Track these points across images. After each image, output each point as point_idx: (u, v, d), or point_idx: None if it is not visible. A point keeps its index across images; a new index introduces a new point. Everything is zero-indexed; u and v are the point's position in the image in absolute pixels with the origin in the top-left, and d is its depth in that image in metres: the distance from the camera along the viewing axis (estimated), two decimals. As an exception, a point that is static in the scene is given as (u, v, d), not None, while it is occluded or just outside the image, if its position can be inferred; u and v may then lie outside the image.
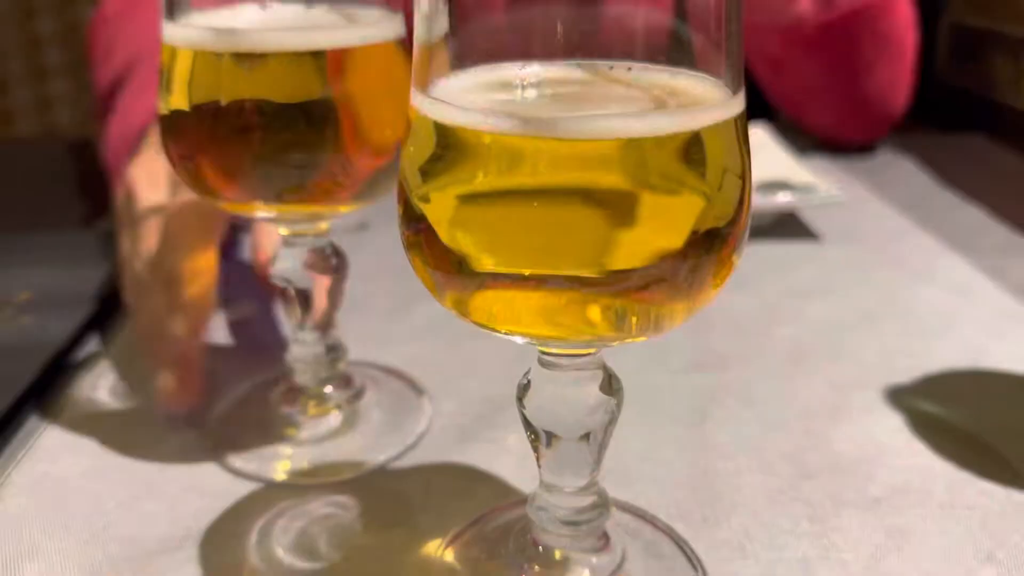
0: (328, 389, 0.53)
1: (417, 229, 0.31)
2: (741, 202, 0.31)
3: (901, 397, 0.57)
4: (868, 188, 0.95)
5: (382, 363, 0.60)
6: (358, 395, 0.54)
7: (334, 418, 0.53)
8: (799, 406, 0.55)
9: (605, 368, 0.36)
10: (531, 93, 0.34)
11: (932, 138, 1.15)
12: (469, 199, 0.30)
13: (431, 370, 0.59)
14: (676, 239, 0.29)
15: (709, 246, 0.30)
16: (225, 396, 0.57)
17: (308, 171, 0.43)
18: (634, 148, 0.28)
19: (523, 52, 0.35)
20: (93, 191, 0.97)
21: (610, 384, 0.36)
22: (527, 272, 0.30)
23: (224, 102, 0.42)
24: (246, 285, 0.63)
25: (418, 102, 0.31)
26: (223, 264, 0.57)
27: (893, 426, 0.53)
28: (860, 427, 0.53)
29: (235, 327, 0.65)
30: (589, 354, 0.36)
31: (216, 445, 0.51)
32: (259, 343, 0.62)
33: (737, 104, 0.31)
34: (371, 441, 0.51)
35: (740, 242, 0.32)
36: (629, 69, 0.34)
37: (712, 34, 0.32)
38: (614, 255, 0.30)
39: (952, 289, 0.72)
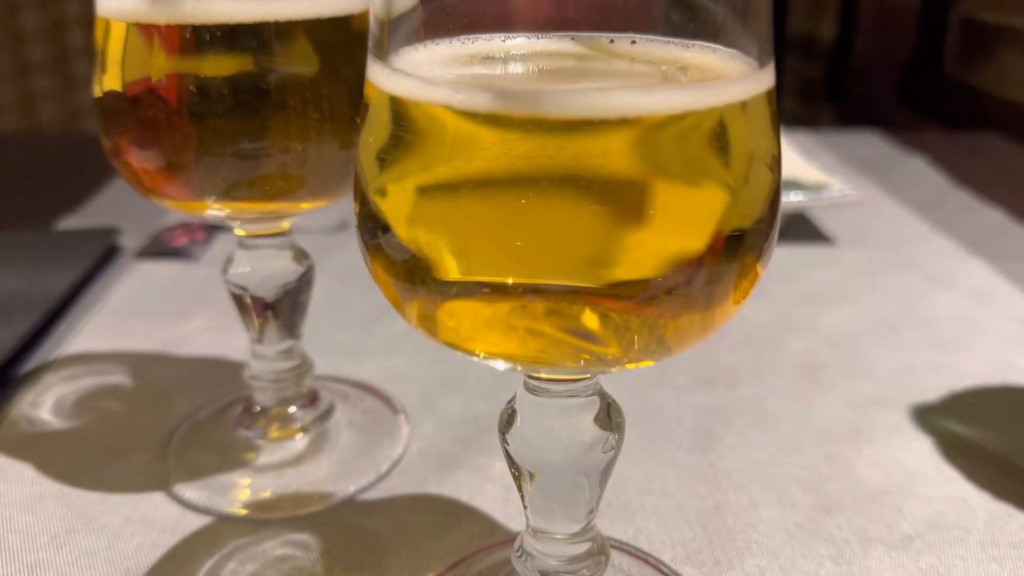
0: (292, 409, 0.48)
1: (375, 230, 0.26)
2: (771, 198, 0.25)
3: (927, 417, 0.52)
4: (880, 188, 0.90)
5: (355, 378, 0.54)
6: (326, 415, 0.49)
7: (299, 442, 0.47)
8: (817, 427, 0.50)
9: (603, 395, 0.31)
10: (514, 68, 0.29)
11: (943, 136, 1.11)
12: (435, 192, 0.24)
13: (410, 385, 0.54)
14: (693, 243, 0.24)
15: (732, 252, 0.25)
16: (180, 416, 0.51)
17: (261, 163, 0.38)
18: (642, 129, 0.23)
19: (507, 21, 0.30)
20: (59, 189, 0.92)
21: (608, 416, 0.30)
22: (507, 282, 0.24)
23: (163, 82, 0.36)
24: None
25: (376, 75, 0.25)
26: None
27: (921, 450, 0.48)
28: (885, 451, 0.48)
29: None
30: (584, 379, 0.30)
31: (165, 472, 0.46)
32: None
33: (766, 78, 0.25)
34: (339, 468, 0.45)
35: (768, 247, 0.26)
36: (633, 42, 0.29)
37: (732, -4, 0.27)
38: (614, 263, 0.24)
39: (973, 295, 0.67)
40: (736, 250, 0.25)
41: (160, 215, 0.82)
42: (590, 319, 0.25)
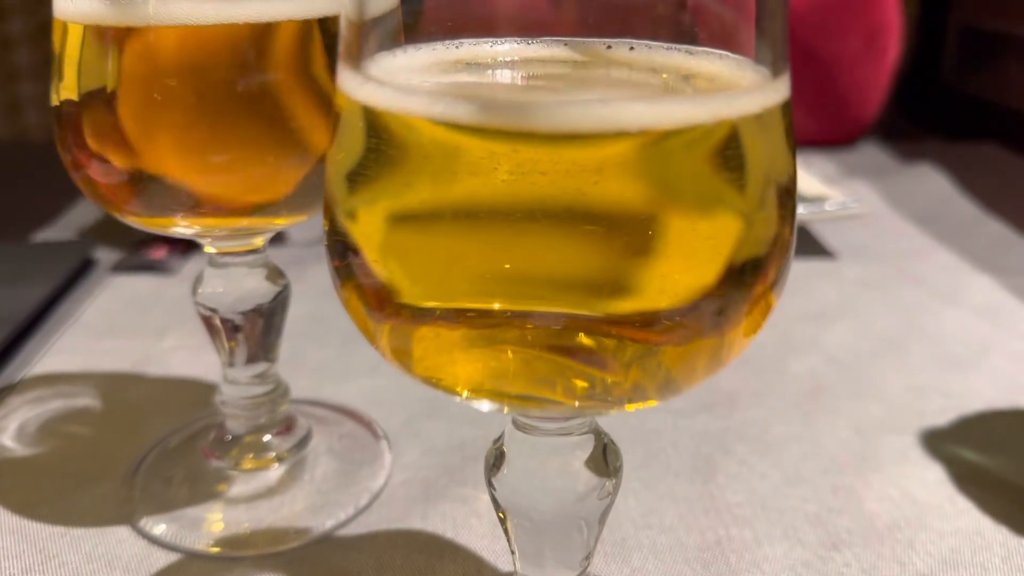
0: (267, 437, 0.45)
1: (345, 253, 0.23)
2: (788, 223, 0.23)
3: (937, 443, 0.49)
4: (880, 199, 0.88)
5: (336, 400, 0.52)
6: (303, 442, 0.46)
7: (274, 472, 0.44)
8: (822, 455, 0.47)
9: (598, 434, 0.28)
10: (502, 75, 0.26)
11: (943, 146, 1.08)
12: (411, 214, 0.21)
13: (393, 408, 0.51)
14: (701, 272, 0.21)
15: (744, 281, 0.22)
16: (149, 442, 0.48)
17: (231, 176, 0.35)
18: (644, 145, 0.20)
19: (495, 24, 0.27)
20: (36, 199, 0.89)
21: (604, 458, 0.27)
22: (492, 313, 0.22)
23: (123, 90, 0.33)
24: None
25: (346, 83, 0.23)
26: None
27: (932, 479, 0.46)
28: (894, 481, 0.45)
29: None
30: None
31: (132, 504, 0.43)
32: None
33: (782, 88, 0.23)
34: (316, 501, 0.43)
35: (783, 275, 0.24)
36: (632, 48, 0.27)
37: (741, -1, 0.24)
38: (614, 293, 0.21)
39: (980, 312, 0.64)
40: (748, 280, 0.22)
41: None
42: (585, 355, 0.23)
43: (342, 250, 0.23)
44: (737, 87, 0.22)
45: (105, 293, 0.68)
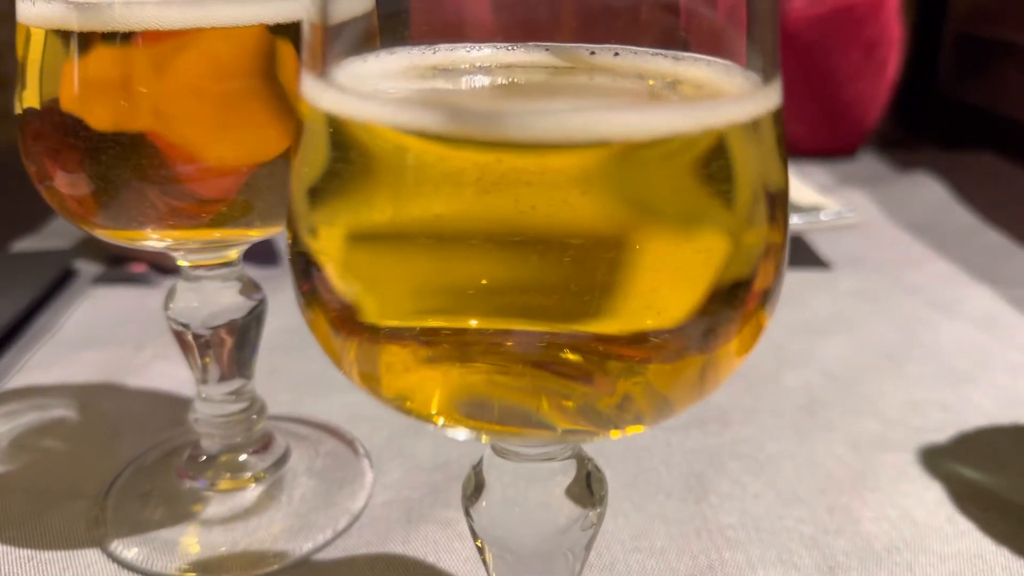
0: (243, 456, 0.43)
1: (309, 272, 0.22)
2: (779, 236, 0.21)
3: (936, 461, 0.48)
4: (877, 209, 0.87)
5: (316, 417, 0.50)
6: (281, 461, 0.44)
7: (250, 492, 0.43)
8: (818, 473, 0.46)
9: (582, 460, 0.26)
10: (479, 82, 0.25)
11: (939, 155, 1.07)
12: (377, 230, 0.20)
13: (376, 425, 0.49)
14: (690, 291, 0.20)
15: (733, 300, 0.21)
16: (124, 459, 0.46)
17: (202, 186, 0.33)
18: (626, 156, 0.19)
19: (473, 29, 0.26)
20: (18, 208, 0.87)
21: (589, 487, 0.26)
22: (465, 336, 0.20)
23: (89, 96, 0.32)
24: None
25: (309, 91, 0.21)
26: None
27: (931, 499, 0.44)
28: (892, 501, 0.44)
29: None
30: (560, 439, 0.26)
31: (103, 526, 0.41)
32: None
33: (773, 95, 0.21)
34: (294, 523, 0.41)
35: (775, 293, 0.22)
36: (616, 54, 0.25)
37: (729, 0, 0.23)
38: (596, 315, 0.20)
39: (978, 323, 0.63)
40: (738, 297, 0.21)
41: (121, 236, 0.77)
42: (567, 379, 0.21)
43: (305, 267, 0.22)
44: (726, 94, 0.21)
45: (85, 305, 0.66)
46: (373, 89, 0.21)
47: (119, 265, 0.72)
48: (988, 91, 1.18)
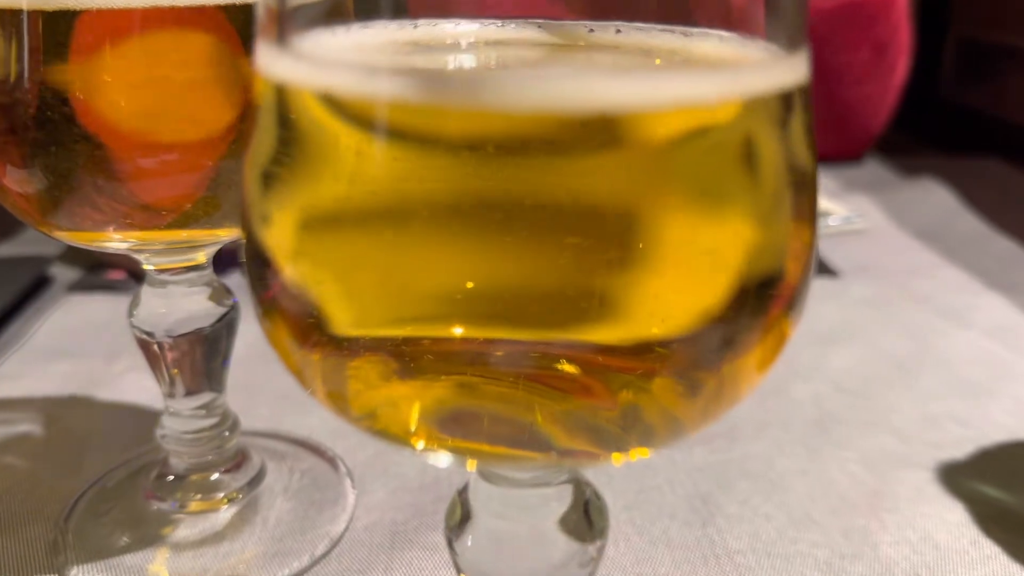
0: (215, 475, 0.40)
1: (264, 272, 0.19)
2: (807, 230, 0.19)
3: (956, 479, 0.45)
4: (884, 215, 0.84)
5: (295, 433, 0.47)
6: (256, 481, 0.41)
7: (223, 514, 0.40)
8: (831, 493, 0.43)
9: (580, 485, 0.23)
10: (463, 60, 0.22)
11: (944, 160, 1.05)
12: (339, 219, 0.17)
13: (359, 441, 0.46)
14: (704, 293, 0.17)
15: (757, 305, 0.18)
16: (89, 477, 0.43)
17: (165, 181, 0.31)
18: (631, 130, 0.16)
19: (456, 2, 0.23)
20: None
21: (587, 516, 0.23)
22: (446, 342, 0.17)
23: (33, 84, 0.29)
24: None
25: (264, 59, 0.18)
26: None
27: (954, 520, 0.41)
28: (912, 522, 0.41)
29: None
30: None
31: (62, 552, 0.38)
32: None
33: (799, 67, 0.18)
34: (268, 548, 0.38)
35: (800, 300, 0.19)
36: (618, 31, 0.22)
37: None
38: (598, 318, 0.17)
39: (994, 333, 0.60)
40: (763, 302, 0.18)
41: (99, 242, 0.74)
42: (564, 395, 0.18)
43: (260, 267, 0.19)
44: (747, 63, 0.18)
45: (59, 313, 0.63)
46: (330, 56, 0.18)
47: (97, 271, 0.69)
48: (991, 96, 1.16)
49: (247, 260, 0.19)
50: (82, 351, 0.58)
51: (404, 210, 0.16)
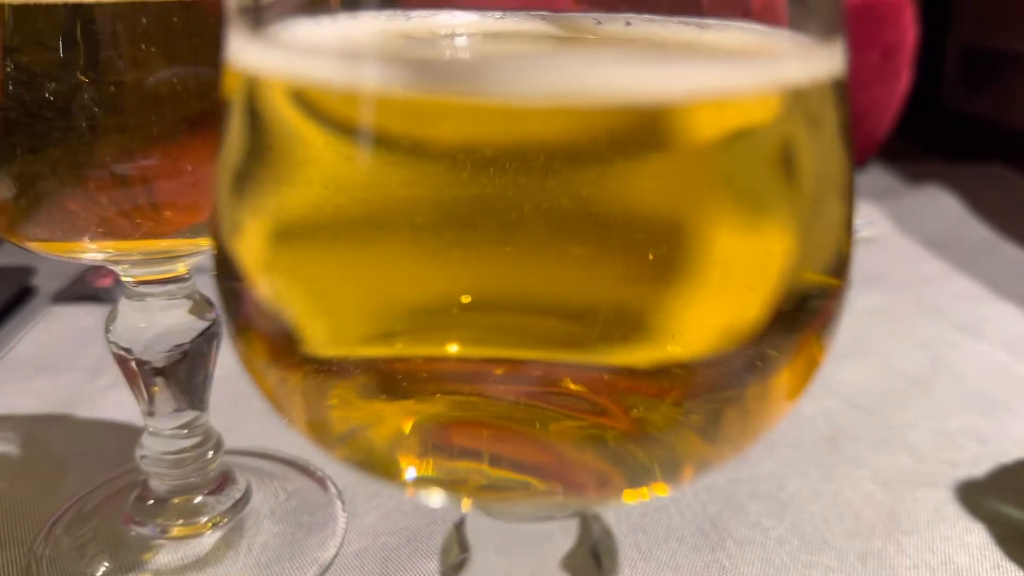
0: (198, 498, 0.38)
1: (235, 286, 0.17)
2: (846, 241, 0.17)
3: (975, 498, 0.43)
4: (890, 223, 0.82)
5: (283, 452, 0.45)
6: (241, 503, 0.39)
7: (206, 539, 0.38)
8: (846, 515, 0.41)
9: (587, 519, 0.21)
10: (461, 53, 0.20)
11: (948, 168, 1.03)
12: (318, 227, 0.15)
13: (352, 461, 0.44)
14: (739, 308, 0.15)
15: (794, 321, 0.16)
16: (66, 498, 0.41)
17: (141, 188, 0.29)
18: (654, 124, 0.14)
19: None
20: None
21: (596, 557, 0.21)
22: (439, 357, 0.15)
23: None
24: None
25: (236, 51, 0.16)
26: None
27: (974, 543, 0.39)
28: (931, 545, 0.39)
29: None
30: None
31: (35, 578, 0.36)
32: None
33: (835, 59, 0.17)
34: (254, 575, 0.36)
35: (834, 321, 0.17)
36: (628, 24, 0.20)
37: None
38: (611, 336, 0.15)
39: (1007, 346, 0.59)
40: (801, 318, 0.16)
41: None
42: (572, 424, 0.16)
43: (232, 282, 0.17)
44: (776, 53, 0.16)
45: (41, 325, 0.61)
46: (315, 44, 0.16)
47: (81, 281, 0.67)
48: (993, 103, 1.14)
49: (217, 274, 0.17)
50: (64, 365, 0.55)
51: (394, 218, 0.14)
